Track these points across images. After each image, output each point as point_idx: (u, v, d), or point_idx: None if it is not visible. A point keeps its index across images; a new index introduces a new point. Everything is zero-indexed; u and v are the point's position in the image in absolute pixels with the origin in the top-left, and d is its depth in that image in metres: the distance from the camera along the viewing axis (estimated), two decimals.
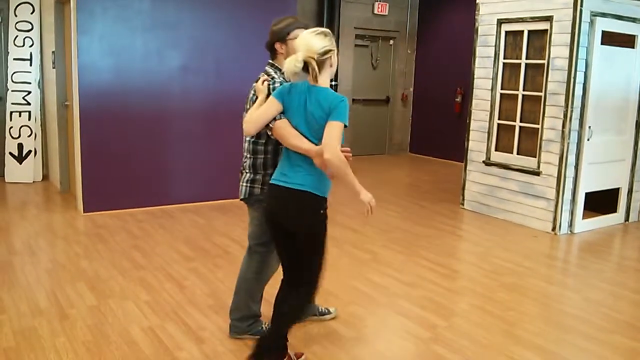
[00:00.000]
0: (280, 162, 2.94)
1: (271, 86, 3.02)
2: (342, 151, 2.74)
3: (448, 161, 10.40)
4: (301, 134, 2.80)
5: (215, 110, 6.58)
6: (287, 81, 3.05)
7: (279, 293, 3.06)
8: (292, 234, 2.89)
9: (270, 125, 2.87)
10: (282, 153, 3.07)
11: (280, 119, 2.85)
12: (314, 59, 2.74)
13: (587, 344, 3.51)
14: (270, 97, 2.88)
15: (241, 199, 3.27)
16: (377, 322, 3.73)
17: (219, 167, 6.62)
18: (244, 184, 3.23)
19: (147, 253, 4.92)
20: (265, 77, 3.09)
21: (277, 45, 3.19)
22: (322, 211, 2.84)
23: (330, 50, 2.79)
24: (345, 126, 2.72)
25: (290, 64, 2.74)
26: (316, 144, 2.76)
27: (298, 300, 2.95)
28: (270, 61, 3.23)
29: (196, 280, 4.33)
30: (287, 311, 2.96)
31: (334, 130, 2.69)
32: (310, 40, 2.75)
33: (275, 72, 3.15)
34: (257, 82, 3.11)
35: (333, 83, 9.29)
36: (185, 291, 4.11)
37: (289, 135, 2.82)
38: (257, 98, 3.03)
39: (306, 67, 2.77)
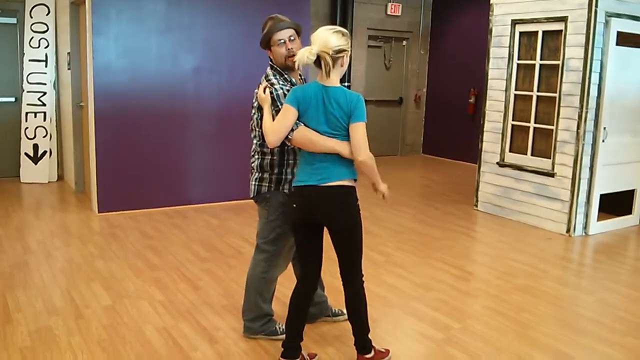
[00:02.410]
0: (301, 164, 2.97)
1: (274, 93, 3.03)
2: None
3: (461, 162, 10.36)
4: (323, 134, 2.85)
5: (229, 111, 6.60)
6: (289, 83, 3.11)
7: (301, 297, 3.07)
8: (320, 230, 2.97)
9: (289, 136, 2.88)
10: (288, 154, 3.15)
11: (297, 127, 2.87)
12: (328, 54, 2.78)
13: (601, 347, 3.49)
14: (285, 104, 2.89)
15: (251, 198, 3.31)
16: (391, 323, 3.73)
17: (232, 167, 6.65)
18: (253, 182, 3.28)
19: (162, 253, 4.95)
20: (265, 83, 3.11)
21: (267, 51, 3.23)
22: (357, 202, 2.94)
23: (344, 50, 2.84)
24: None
25: (303, 55, 2.80)
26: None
27: (355, 294, 3.01)
28: (271, 63, 3.24)
29: (210, 280, 4.35)
30: (351, 308, 3.02)
31: (360, 132, 2.80)
32: (327, 37, 2.80)
33: (275, 76, 3.15)
34: (258, 88, 3.14)
35: (346, 84, 9.30)
36: (199, 291, 4.13)
37: (315, 140, 2.84)
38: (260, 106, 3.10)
39: (318, 61, 2.82)
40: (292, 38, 3.13)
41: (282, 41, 3.11)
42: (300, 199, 2.94)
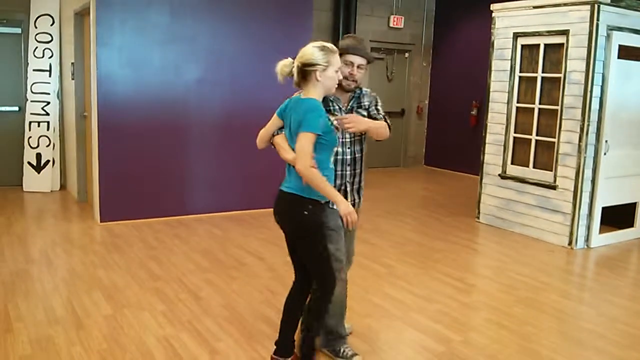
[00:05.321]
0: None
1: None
2: (340, 122, 2.98)
3: (463, 174, 10.36)
4: (290, 145, 2.93)
5: (231, 122, 6.62)
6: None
7: (292, 297, 3.13)
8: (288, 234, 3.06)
9: (271, 140, 3.06)
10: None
11: (278, 134, 3.01)
12: (298, 66, 2.85)
13: None
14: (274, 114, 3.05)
15: None
16: (392, 336, 3.72)
17: (235, 178, 6.65)
18: None
19: (163, 263, 4.94)
20: None
21: None
22: (305, 212, 2.86)
23: (315, 64, 2.80)
24: (318, 135, 2.75)
25: (279, 65, 2.91)
26: None
27: (311, 302, 3.03)
28: None
29: (211, 291, 4.34)
30: (301, 315, 3.07)
31: (300, 142, 2.76)
32: (306, 49, 2.87)
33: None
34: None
35: None
36: (200, 302, 4.12)
37: (281, 148, 2.98)
38: None
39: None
40: (360, 66, 3.16)
41: (352, 64, 3.14)
42: (274, 201, 3.05)
